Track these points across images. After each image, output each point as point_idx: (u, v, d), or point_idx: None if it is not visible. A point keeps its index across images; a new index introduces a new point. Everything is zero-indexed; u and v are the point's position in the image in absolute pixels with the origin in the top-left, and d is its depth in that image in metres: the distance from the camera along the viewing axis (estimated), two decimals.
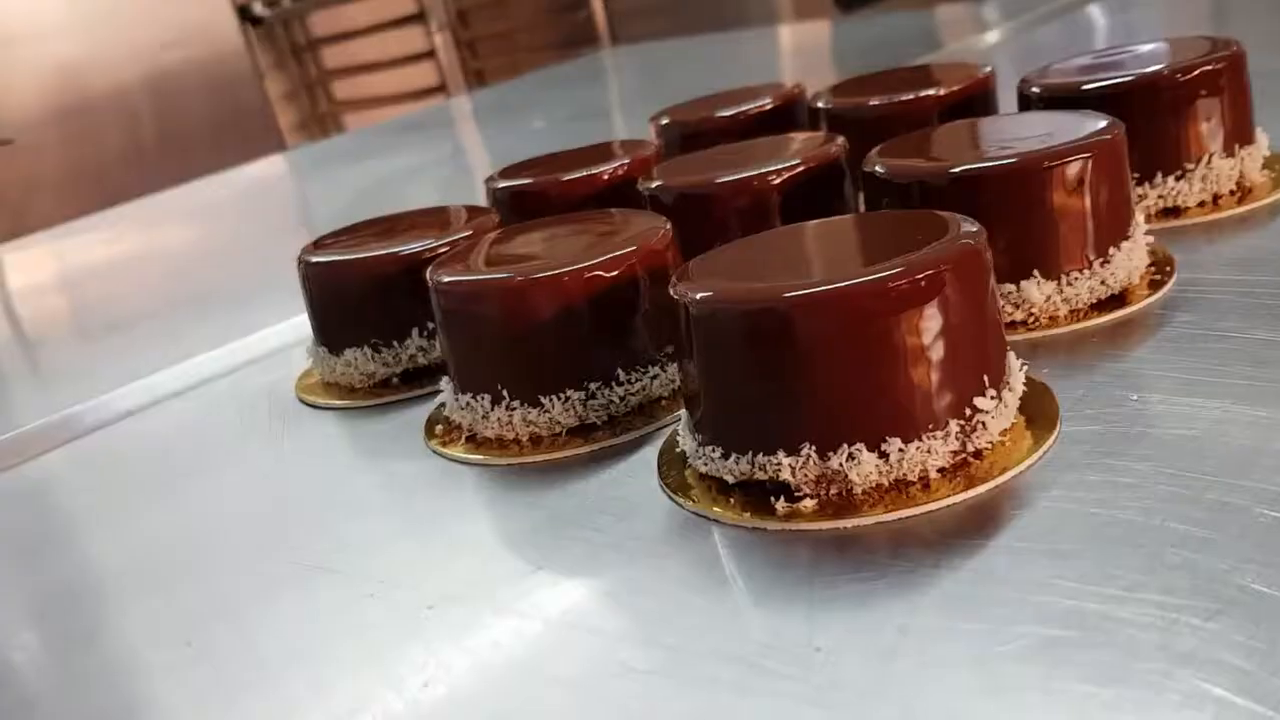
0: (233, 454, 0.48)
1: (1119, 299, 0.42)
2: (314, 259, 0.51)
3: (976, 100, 0.56)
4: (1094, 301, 0.41)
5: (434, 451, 0.43)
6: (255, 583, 0.36)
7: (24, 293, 1.01)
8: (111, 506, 0.46)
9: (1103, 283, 0.41)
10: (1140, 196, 0.48)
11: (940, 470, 0.32)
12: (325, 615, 0.34)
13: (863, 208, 0.47)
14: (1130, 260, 0.42)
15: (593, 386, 0.40)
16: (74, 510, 0.48)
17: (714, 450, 0.34)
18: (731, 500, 0.34)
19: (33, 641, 0.37)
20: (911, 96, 0.55)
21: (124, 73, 2.10)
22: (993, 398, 0.33)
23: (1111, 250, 0.41)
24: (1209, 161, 0.48)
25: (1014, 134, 0.44)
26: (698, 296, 0.34)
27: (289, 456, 0.46)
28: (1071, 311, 0.41)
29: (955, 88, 0.55)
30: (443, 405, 0.45)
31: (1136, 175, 0.48)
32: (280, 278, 0.62)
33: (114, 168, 2.06)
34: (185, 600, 0.37)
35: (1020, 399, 0.35)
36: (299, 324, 0.61)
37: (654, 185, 0.50)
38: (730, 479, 0.34)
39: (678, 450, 0.37)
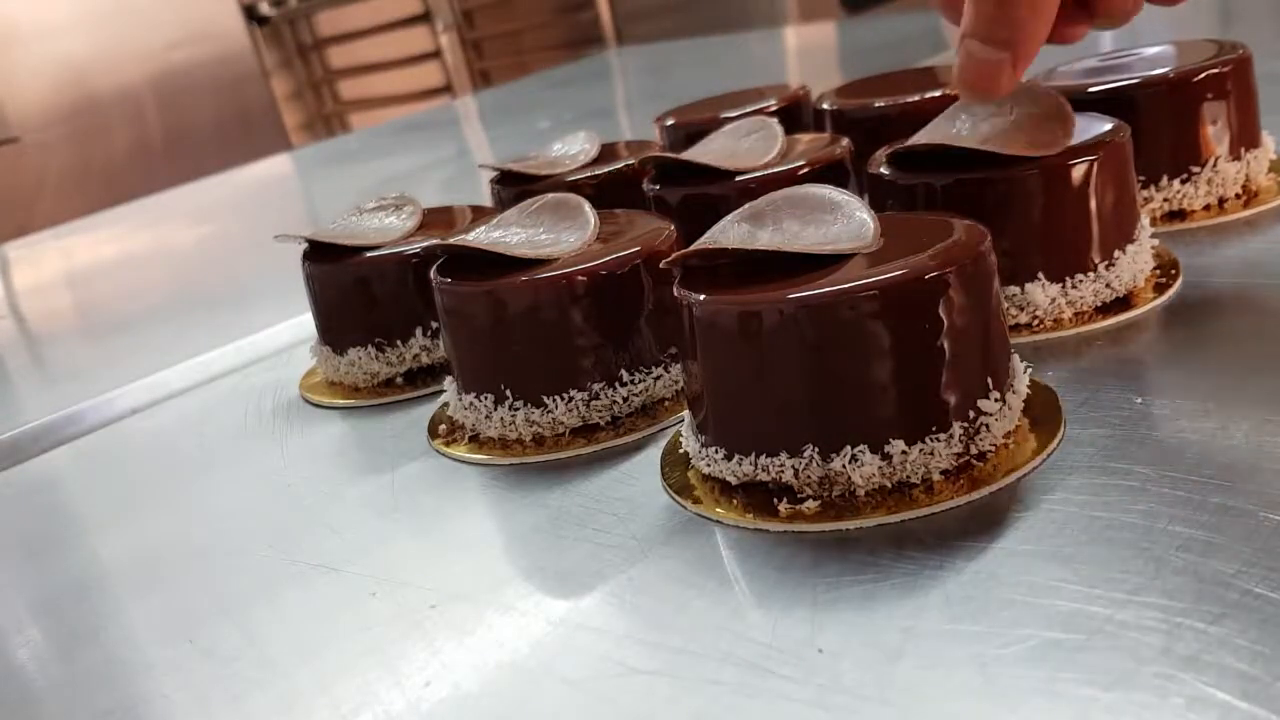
0: (237, 452, 0.48)
1: (1124, 302, 0.41)
2: (316, 262, 0.51)
3: None
4: (1099, 304, 0.41)
5: (437, 451, 0.43)
6: (258, 581, 0.36)
7: (30, 290, 1.02)
8: (115, 504, 0.46)
9: (1107, 286, 0.41)
10: (1146, 199, 0.48)
11: (943, 473, 0.32)
12: (328, 614, 0.34)
13: None
14: (1135, 263, 0.41)
15: (596, 387, 0.40)
16: (78, 507, 0.48)
17: (717, 451, 0.34)
18: (734, 501, 0.34)
19: (36, 638, 0.37)
20: (917, 98, 0.55)
21: (130, 72, 2.11)
22: (996, 400, 0.33)
23: (1116, 253, 0.41)
24: (1215, 165, 0.48)
25: None
26: (701, 298, 0.34)
27: (292, 455, 0.46)
28: (1076, 314, 0.41)
29: None
30: (446, 405, 0.45)
31: (1142, 178, 0.48)
32: (285, 277, 0.62)
33: (120, 166, 2.07)
34: (188, 598, 0.37)
35: (1024, 402, 0.35)
36: (303, 323, 0.61)
37: (656, 188, 0.51)
38: (733, 480, 0.34)
39: (681, 451, 0.37)
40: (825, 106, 0.59)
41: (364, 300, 0.49)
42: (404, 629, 0.32)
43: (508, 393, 0.41)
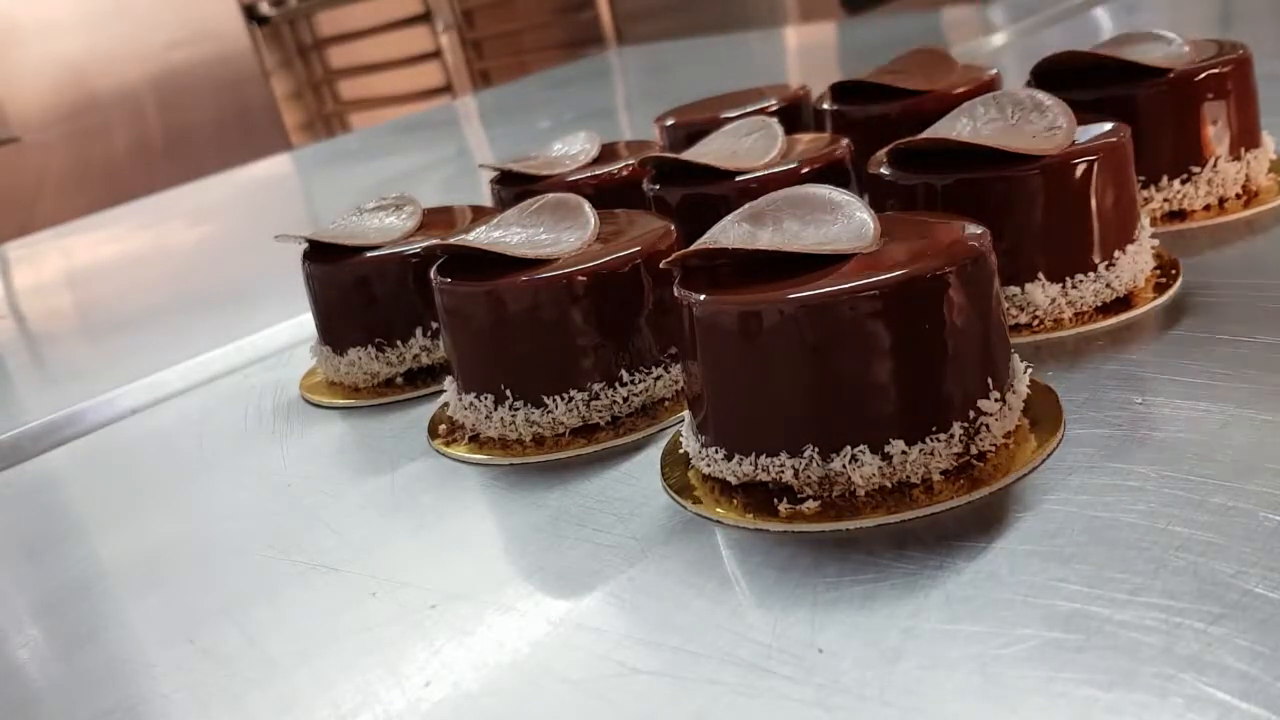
0: (237, 452, 0.48)
1: (1124, 302, 0.41)
2: (316, 262, 0.51)
3: None
4: (1099, 304, 0.41)
5: (437, 451, 0.43)
6: (258, 581, 0.36)
7: (30, 290, 1.02)
8: (115, 504, 0.46)
9: (1108, 286, 0.41)
10: (1146, 199, 0.48)
11: (943, 473, 0.32)
12: (328, 614, 0.34)
13: None
14: (1135, 263, 0.41)
15: (596, 387, 0.40)
16: (78, 507, 0.48)
17: (717, 451, 0.34)
18: (734, 501, 0.34)
19: (37, 638, 0.37)
20: (916, 99, 0.55)
21: (131, 72, 2.11)
22: (996, 400, 0.33)
23: (1116, 253, 0.41)
24: (1215, 165, 0.48)
25: None
26: (701, 298, 0.34)
27: (292, 455, 0.46)
28: (1076, 314, 0.41)
29: (961, 90, 0.55)
30: (446, 405, 0.45)
31: (1142, 178, 0.48)
32: (285, 277, 0.62)
33: (120, 166, 2.07)
34: (188, 598, 0.37)
35: (1024, 402, 0.35)
36: (304, 323, 0.61)
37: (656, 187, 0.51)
38: (733, 480, 0.34)
39: (681, 451, 0.37)
40: (825, 106, 0.59)
41: (364, 300, 0.49)
42: (404, 629, 0.32)
43: (508, 393, 0.41)
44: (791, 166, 0.48)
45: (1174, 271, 0.43)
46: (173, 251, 1.02)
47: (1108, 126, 0.42)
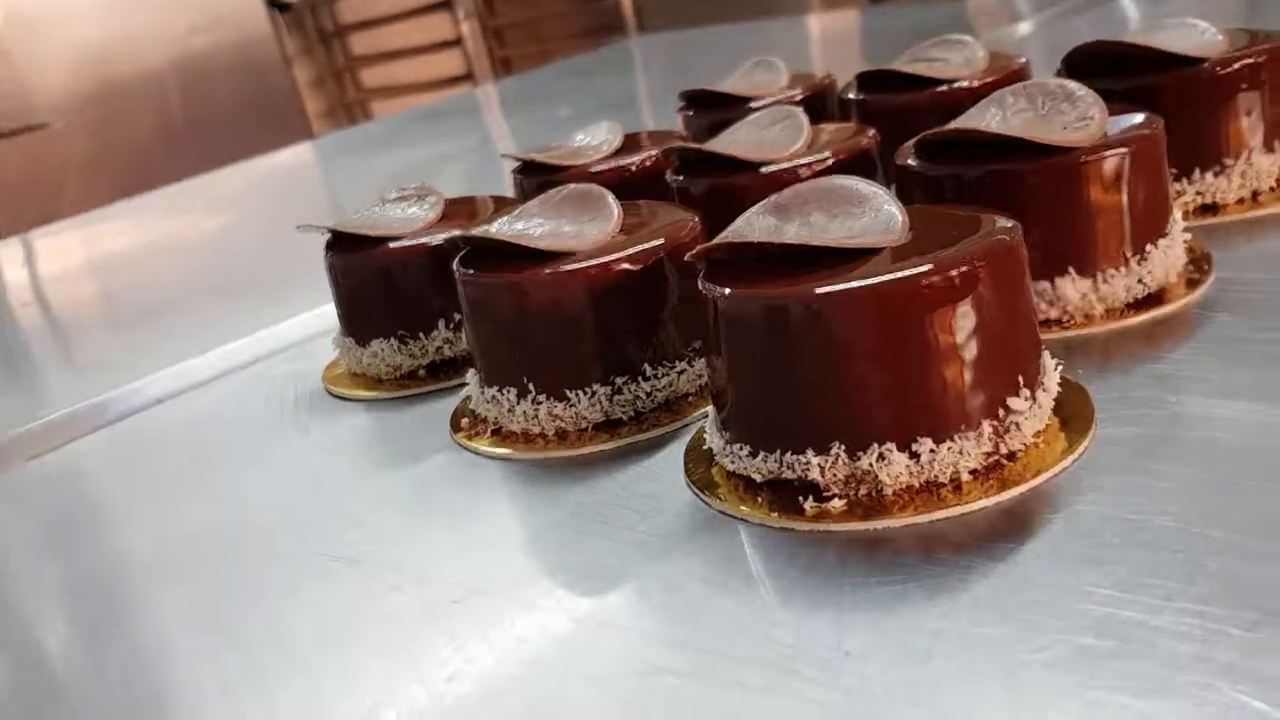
0: (260, 444, 0.48)
1: (1156, 298, 0.41)
2: (339, 252, 0.51)
3: None
4: (1130, 300, 0.40)
5: (459, 445, 0.43)
6: (281, 573, 0.36)
7: (55, 279, 1.02)
8: (140, 494, 0.47)
9: (1139, 281, 0.40)
10: (1178, 193, 0.48)
11: (972, 472, 0.32)
12: (351, 606, 0.34)
13: None
14: (1168, 258, 0.41)
15: (619, 381, 0.40)
16: (103, 498, 0.48)
17: (741, 448, 0.34)
18: (759, 499, 0.34)
19: (63, 627, 0.37)
20: (944, 88, 0.55)
21: (153, 58, 2.11)
22: (1026, 398, 0.32)
23: (1149, 248, 0.40)
24: (1249, 157, 0.47)
25: None
26: (726, 291, 0.33)
27: (316, 448, 0.46)
28: (1107, 310, 0.40)
29: (988, 79, 0.54)
30: (469, 398, 0.45)
31: (1174, 171, 0.47)
32: (308, 267, 0.62)
33: (143, 154, 2.08)
34: (213, 588, 0.37)
35: (1055, 400, 0.34)
36: (326, 313, 0.61)
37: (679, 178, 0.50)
38: (758, 477, 0.34)
39: (704, 447, 0.37)
40: (851, 96, 0.58)
41: (387, 291, 0.49)
42: (426, 623, 0.32)
43: (530, 386, 0.41)
44: (817, 157, 0.48)
45: (1207, 266, 0.42)
46: (195, 240, 1.03)
47: (1140, 118, 0.41)
